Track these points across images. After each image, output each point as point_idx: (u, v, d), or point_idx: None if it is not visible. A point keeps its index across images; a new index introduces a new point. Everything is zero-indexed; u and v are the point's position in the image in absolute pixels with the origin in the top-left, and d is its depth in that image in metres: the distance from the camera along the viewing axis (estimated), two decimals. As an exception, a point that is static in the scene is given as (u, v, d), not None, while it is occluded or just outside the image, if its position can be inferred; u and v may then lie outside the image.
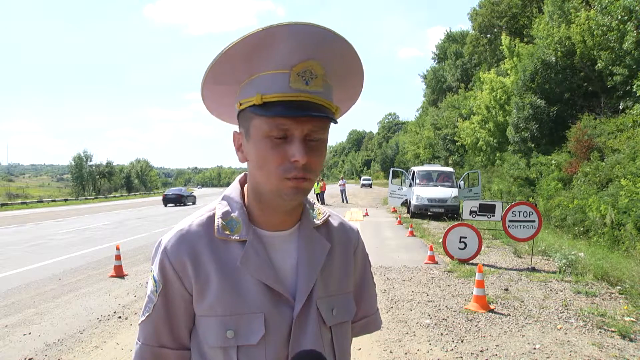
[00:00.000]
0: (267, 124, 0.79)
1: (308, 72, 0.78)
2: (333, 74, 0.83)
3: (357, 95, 0.95)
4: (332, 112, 0.83)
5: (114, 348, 4.16)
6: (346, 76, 0.87)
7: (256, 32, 0.76)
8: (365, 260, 1.06)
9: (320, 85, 0.80)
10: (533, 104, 17.32)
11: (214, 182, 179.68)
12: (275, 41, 0.77)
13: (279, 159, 0.79)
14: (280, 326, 0.84)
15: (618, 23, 13.19)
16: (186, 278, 0.85)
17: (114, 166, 65.75)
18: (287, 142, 0.79)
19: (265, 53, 0.78)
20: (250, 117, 0.82)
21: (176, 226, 0.90)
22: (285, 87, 0.77)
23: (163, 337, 0.88)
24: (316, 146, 0.81)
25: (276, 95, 0.78)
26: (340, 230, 1.00)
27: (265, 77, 0.79)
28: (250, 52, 0.79)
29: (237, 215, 0.89)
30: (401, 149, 61.24)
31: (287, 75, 0.78)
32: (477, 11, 32.02)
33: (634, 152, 10.94)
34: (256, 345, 0.82)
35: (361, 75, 0.90)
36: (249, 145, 0.84)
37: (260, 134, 0.80)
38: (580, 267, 7.06)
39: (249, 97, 0.81)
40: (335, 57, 0.81)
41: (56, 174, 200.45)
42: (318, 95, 0.79)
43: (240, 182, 0.96)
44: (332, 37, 0.79)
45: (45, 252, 9.82)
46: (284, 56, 0.77)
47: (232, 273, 0.85)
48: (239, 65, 0.81)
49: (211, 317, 0.84)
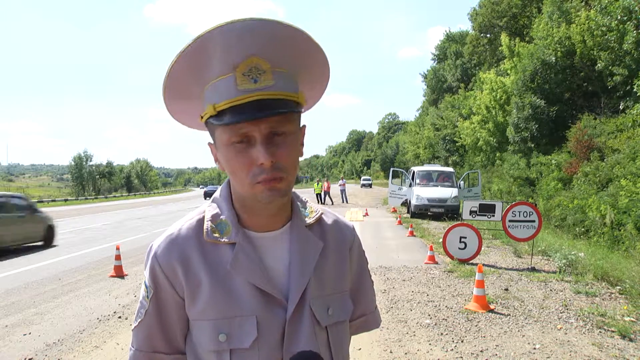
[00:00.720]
0: (226, 132, 0.78)
1: (254, 69, 0.76)
2: (286, 63, 0.79)
3: (327, 73, 0.90)
4: (292, 103, 0.79)
5: (114, 348, 4.16)
6: (303, 59, 0.83)
7: (190, 44, 0.75)
8: (362, 258, 1.04)
9: (271, 79, 0.77)
10: (533, 104, 17.33)
11: (214, 182, 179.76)
12: (210, 47, 0.75)
13: (246, 165, 0.78)
14: (273, 328, 0.83)
15: (618, 23, 13.19)
16: (177, 282, 0.84)
17: (114, 166, 65.76)
18: (251, 145, 0.78)
19: (205, 62, 0.77)
20: (212, 128, 0.82)
21: (166, 231, 0.90)
22: (232, 92, 0.75)
23: (156, 342, 0.87)
24: (282, 141, 0.78)
25: (226, 102, 0.76)
26: (335, 228, 0.98)
27: (214, 86, 0.78)
28: (193, 65, 0.77)
29: (225, 217, 0.88)
30: (401, 149, 61.28)
31: (232, 78, 0.76)
32: (477, 11, 32.02)
33: (634, 152, 10.94)
34: (249, 348, 0.82)
35: (318, 53, 0.84)
36: (219, 154, 0.84)
37: (224, 143, 0.79)
38: (580, 267, 7.06)
39: (204, 109, 0.81)
40: (278, 45, 0.77)
41: (56, 174, 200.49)
42: (270, 90, 0.76)
43: (228, 184, 0.95)
44: (268, 24, 0.75)
45: (45, 252, 9.81)
46: (222, 60, 0.75)
47: (223, 276, 0.84)
48: (189, 80, 0.80)
49: (203, 321, 0.84)
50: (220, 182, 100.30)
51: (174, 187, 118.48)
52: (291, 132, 0.80)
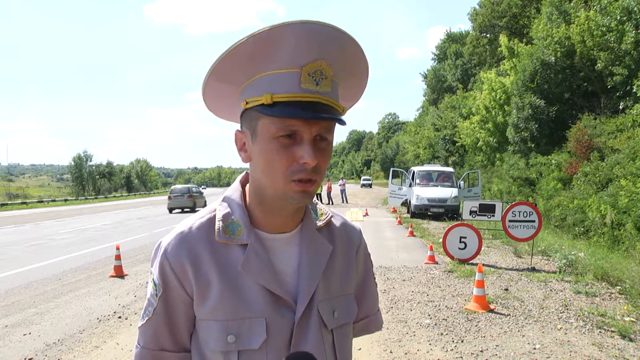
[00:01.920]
0: (276, 124, 0.77)
1: (318, 72, 0.76)
2: (340, 73, 0.82)
3: (360, 94, 0.93)
4: (340, 113, 0.82)
5: (114, 348, 4.16)
6: (351, 76, 0.86)
7: (267, 29, 0.74)
8: (367, 261, 1.04)
9: (329, 86, 0.78)
10: (533, 104, 17.32)
11: (214, 182, 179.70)
12: (286, 39, 0.75)
13: (287, 161, 0.77)
14: (281, 331, 0.83)
15: (617, 23, 13.20)
16: (186, 281, 0.84)
17: (114, 166, 65.74)
18: (295, 143, 0.77)
19: (274, 51, 0.76)
20: (256, 117, 0.80)
21: (176, 228, 0.89)
22: (295, 87, 0.75)
23: (163, 340, 0.87)
24: (324, 147, 0.80)
25: (287, 95, 0.75)
26: (343, 231, 0.98)
27: (274, 76, 0.77)
28: (259, 50, 0.76)
29: (237, 217, 0.87)
30: (401, 149, 61.24)
31: (298, 74, 0.76)
32: (478, 11, 32.05)
33: (634, 152, 10.94)
34: (257, 349, 0.81)
35: (366, 77, 0.88)
36: (255, 145, 0.81)
37: (268, 135, 0.78)
38: (580, 267, 7.06)
39: (256, 96, 0.78)
40: (344, 57, 0.80)
41: (56, 174, 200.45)
42: (327, 96, 0.78)
43: (241, 183, 0.94)
44: (343, 36, 0.77)
45: (45, 252, 9.82)
46: (294, 55, 0.75)
47: (233, 277, 0.84)
48: (246, 63, 0.79)
49: (212, 321, 0.83)
50: (220, 182, 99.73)
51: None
52: (330, 141, 0.82)
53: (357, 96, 0.94)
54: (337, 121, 0.79)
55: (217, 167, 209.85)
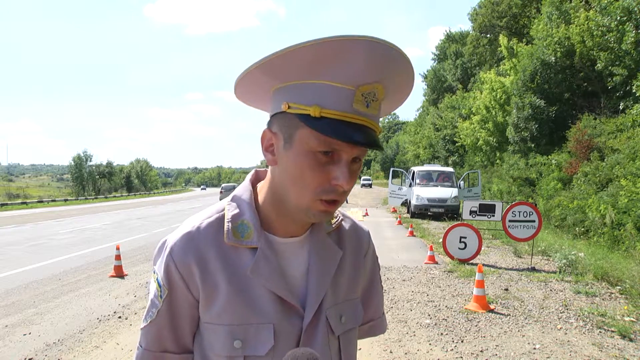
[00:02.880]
0: (317, 139, 0.73)
1: (372, 94, 0.73)
2: (388, 97, 0.80)
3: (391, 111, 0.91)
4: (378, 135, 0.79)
5: (114, 348, 4.15)
6: (395, 96, 0.83)
7: (336, 39, 0.69)
8: (375, 264, 1.02)
9: (377, 109, 0.76)
10: (533, 104, 17.33)
11: (214, 182, 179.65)
12: (351, 54, 0.70)
13: (320, 179, 0.74)
14: (289, 337, 0.81)
15: (617, 23, 13.20)
16: (192, 283, 0.81)
17: (114, 166, 65.78)
18: (332, 162, 0.74)
19: (335, 63, 0.71)
20: (296, 125, 0.75)
21: (182, 226, 0.85)
22: (347, 106, 0.71)
23: (166, 342, 0.85)
24: (355, 170, 0.77)
25: (336, 112, 0.71)
26: (352, 234, 0.95)
27: (326, 87, 0.72)
28: (321, 58, 0.71)
29: (247, 219, 0.84)
30: (401, 149, 61.27)
31: (352, 93, 0.71)
32: (478, 11, 32.04)
33: (634, 152, 10.94)
34: (264, 356, 0.79)
35: (407, 96, 0.86)
36: (287, 153, 0.76)
37: (306, 147, 0.74)
38: (580, 267, 7.06)
39: (304, 104, 0.73)
40: (397, 79, 0.77)
41: (56, 174, 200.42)
42: (374, 120, 0.75)
43: (252, 182, 0.90)
44: (402, 59, 0.74)
45: (45, 252, 9.81)
46: (354, 72, 0.71)
47: (242, 281, 0.81)
48: (302, 66, 0.73)
49: (218, 325, 0.81)
50: (220, 183, 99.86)
51: (173, 187, 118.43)
52: (361, 164, 0.80)
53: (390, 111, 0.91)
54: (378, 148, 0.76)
55: (217, 167, 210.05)
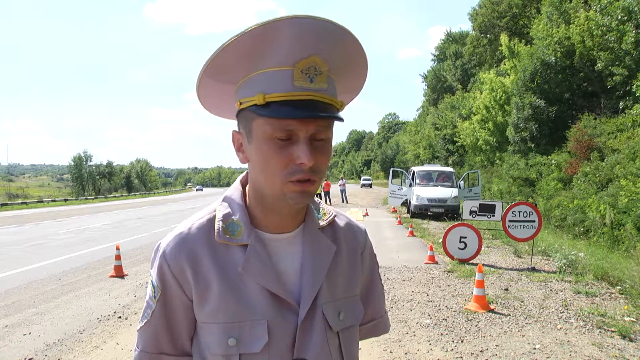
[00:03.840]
0: (271, 125, 0.74)
1: (312, 69, 0.74)
2: (336, 68, 0.79)
3: (360, 87, 0.90)
4: (337, 109, 0.79)
5: (114, 348, 4.15)
6: (349, 68, 0.83)
7: (259, 25, 0.72)
8: (373, 261, 1.02)
9: (325, 82, 0.76)
10: (533, 104, 17.33)
11: (214, 182, 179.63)
12: (278, 36, 0.72)
13: (283, 162, 0.75)
14: (284, 333, 0.81)
15: (617, 23, 13.20)
16: (186, 284, 0.82)
17: (114, 166, 65.77)
18: (292, 143, 0.75)
19: (267, 48, 0.74)
20: (251, 118, 0.77)
21: (175, 229, 0.87)
22: (289, 86, 0.73)
23: (162, 343, 0.85)
24: (322, 146, 0.77)
25: (280, 94, 0.73)
26: (347, 231, 0.96)
27: (266, 75, 0.75)
28: (252, 48, 0.74)
29: (238, 218, 0.85)
30: (401, 149, 61.28)
31: (290, 72, 0.73)
32: (478, 11, 32.03)
33: (634, 152, 10.94)
34: (259, 353, 0.79)
35: (365, 67, 0.85)
36: (251, 146, 0.79)
37: (263, 136, 0.76)
38: (580, 267, 7.06)
39: (250, 96, 0.76)
40: (338, 50, 0.77)
41: (56, 174, 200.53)
42: (323, 93, 0.75)
43: (242, 183, 0.92)
44: (336, 29, 0.75)
45: (45, 252, 9.81)
46: (286, 52, 0.73)
47: (234, 279, 0.81)
48: (239, 61, 0.76)
49: (212, 324, 0.81)
50: (220, 183, 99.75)
51: (173, 187, 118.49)
52: (328, 139, 0.80)
53: (357, 88, 0.91)
54: (335, 119, 0.76)
55: (217, 167, 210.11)
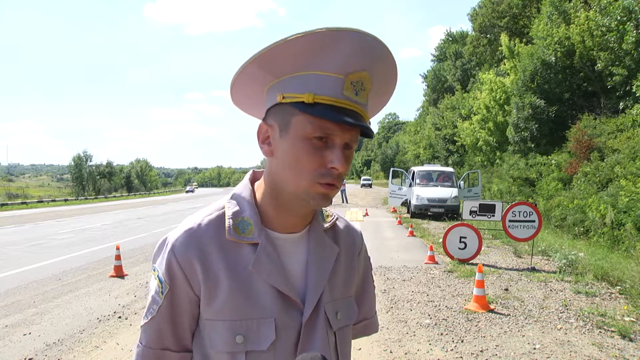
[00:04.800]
0: (312, 124, 0.77)
1: (359, 83, 0.78)
2: (375, 89, 0.84)
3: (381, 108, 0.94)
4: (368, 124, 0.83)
5: (114, 348, 4.15)
6: (381, 90, 0.87)
7: (326, 30, 0.75)
8: (367, 264, 1.05)
9: (366, 98, 0.80)
10: (533, 104, 17.33)
11: (214, 182, 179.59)
12: (340, 44, 0.75)
13: (316, 163, 0.78)
14: (289, 331, 0.83)
15: (617, 23, 13.20)
16: (194, 280, 0.82)
17: (114, 166, 65.78)
18: (326, 147, 0.78)
19: (326, 53, 0.76)
20: (291, 113, 0.79)
21: (183, 224, 0.86)
22: (338, 93, 0.76)
23: (166, 339, 0.85)
24: (349, 155, 0.81)
25: (329, 98, 0.76)
26: (346, 233, 0.99)
27: (318, 77, 0.77)
28: (312, 49, 0.76)
29: (248, 216, 0.86)
30: (401, 149, 61.29)
31: (342, 81, 0.76)
32: (478, 11, 32.03)
33: (634, 152, 10.95)
34: (266, 350, 0.81)
35: (391, 94, 0.91)
36: (284, 141, 0.80)
37: (301, 134, 0.78)
38: (580, 267, 7.06)
39: (297, 92, 0.78)
40: (382, 72, 0.82)
41: (56, 174, 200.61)
42: (363, 107, 0.80)
43: (251, 181, 0.92)
44: (388, 54, 0.80)
45: (45, 252, 9.81)
46: (343, 61, 0.76)
47: (243, 276, 0.82)
48: (294, 57, 0.78)
49: (219, 321, 0.82)
50: (220, 183, 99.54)
51: (173, 187, 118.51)
52: (353, 151, 0.83)
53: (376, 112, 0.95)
54: (368, 132, 0.80)
55: (217, 167, 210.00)
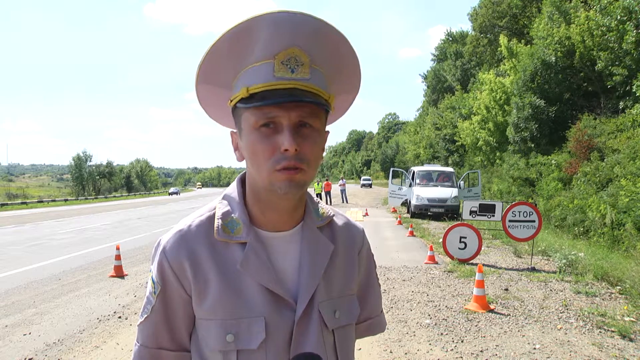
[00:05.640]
0: (255, 114, 0.77)
1: (293, 60, 0.76)
2: (323, 62, 0.81)
3: (356, 85, 0.92)
4: (323, 99, 0.80)
5: (114, 348, 4.16)
6: (339, 65, 0.85)
7: (235, 25, 0.75)
8: (371, 261, 1.04)
9: (307, 72, 0.78)
10: (533, 104, 17.33)
11: (214, 182, 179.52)
12: (255, 32, 0.75)
13: (269, 150, 0.77)
14: (281, 330, 0.82)
15: (617, 23, 13.20)
16: (185, 280, 0.83)
17: (114, 166, 65.78)
18: (277, 132, 0.77)
19: (247, 46, 0.77)
20: (240, 113, 0.81)
21: (176, 226, 0.88)
22: (269, 77, 0.76)
23: (162, 338, 0.86)
24: (308, 134, 0.78)
25: (261, 85, 0.76)
26: (345, 230, 0.97)
27: (250, 70, 0.78)
28: (234, 47, 0.78)
29: (237, 216, 0.86)
30: (401, 149, 61.27)
31: (271, 64, 0.76)
32: (478, 11, 32.02)
33: (634, 152, 10.95)
34: (257, 349, 0.81)
35: (355, 64, 0.87)
36: (242, 141, 0.82)
37: (250, 127, 0.79)
38: (580, 267, 7.06)
39: (236, 92, 0.80)
40: (320, 42, 0.79)
41: (56, 174, 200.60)
42: (306, 82, 0.77)
43: (241, 181, 0.93)
44: (313, 21, 0.77)
45: (45, 252, 9.81)
46: (265, 46, 0.76)
47: (233, 276, 0.83)
48: (226, 61, 0.80)
49: (211, 320, 0.83)
50: (220, 182, 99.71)
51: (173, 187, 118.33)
52: (317, 128, 0.80)
53: (354, 87, 0.92)
54: (316, 104, 0.78)
55: (217, 167, 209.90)
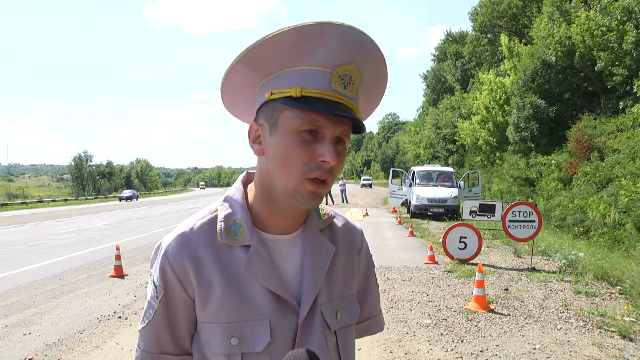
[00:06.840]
0: (301, 118, 0.76)
1: (348, 77, 0.77)
2: (366, 85, 0.83)
3: (375, 106, 0.94)
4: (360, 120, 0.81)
5: (114, 348, 4.15)
6: (372, 89, 0.87)
7: (311, 25, 0.74)
8: (369, 261, 1.04)
9: (355, 92, 0.79)
10: (533, 103, 17.33)
11: (214, 182, 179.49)
12: (326, 37, 0.75)
13: (306, 157, 0.76)
14: (285, 333, 0.82)
15: (617, 23, 13.20)
16: (188, 283, 0.82)
17: (114, 166, 65.84)
18: (317, 140, 0.77)
19: (312, 48, 0.76)
20: (280, 109, 0.78)
21: (176, 228, 0.87)
22: (326, 86, 0.75)
23: (164, 343, 0.85)
24: (340, 151, 0.79)
25: (317, 91, 0.75)
26: (345, 232, 0.97)
27: (305, 71, 0.76)
28: (298, 44, 0.76)
29: (240, 218, 0.85)
30: (401, 149, 61.28)
31: (329, 74, 0.76)
32: (478, 11, 32.02)
33: (634, 152, 10.95)
34: (262, 352, 0.80)
35: (382, 92, 0.89)
36: (273, 138, 0.79)
37: (290, 128, 0.77)
38: (580, 267, 7.06)
39: (285, 87, 0.77)
40: (371, 67, 0.81)
41: (56, 174, 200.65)
42: (352, 101, 0.78)
43: (243, 183, 0.92)
44: (376, 48, 0.79)
45: (45, 252, 9.81)
46: (330, 54, 0.76)
47: (236, 279, 0.82)
48: (281, 54, 0.77)
49: (215, 323, 0.82)
50: (220, 182, 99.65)
51: (173, 187, 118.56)
52: (346, 147, 0.82)
53: (370, 111, 0.94)
54: (359, 125, 0.79)
55: (217, 167, 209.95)
